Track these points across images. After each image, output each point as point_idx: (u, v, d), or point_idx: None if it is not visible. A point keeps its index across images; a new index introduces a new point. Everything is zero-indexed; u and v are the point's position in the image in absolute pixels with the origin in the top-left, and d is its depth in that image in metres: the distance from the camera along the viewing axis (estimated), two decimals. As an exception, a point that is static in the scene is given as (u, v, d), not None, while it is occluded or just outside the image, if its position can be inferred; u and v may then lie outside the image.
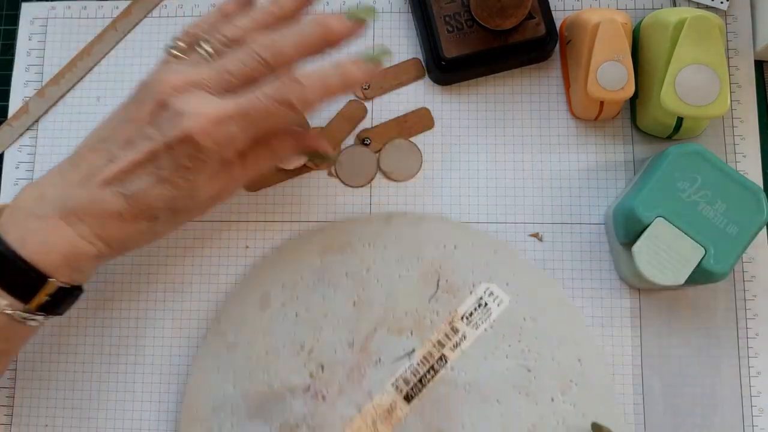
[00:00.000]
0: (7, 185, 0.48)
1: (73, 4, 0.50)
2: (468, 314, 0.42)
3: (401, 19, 0.49)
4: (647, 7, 0.48)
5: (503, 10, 0.43)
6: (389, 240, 0.44)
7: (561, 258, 0.45)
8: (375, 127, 0.47)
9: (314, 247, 0.44)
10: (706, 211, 0.40)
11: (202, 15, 0.49)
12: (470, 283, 0.43)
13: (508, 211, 0.46)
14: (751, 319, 0.44)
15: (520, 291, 0.43)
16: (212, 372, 0.43)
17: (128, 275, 0.46)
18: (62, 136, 0.49)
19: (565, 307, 0.43)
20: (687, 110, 0.41)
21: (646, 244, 0.39)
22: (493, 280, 0.43)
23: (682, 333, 0.44)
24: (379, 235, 0.44)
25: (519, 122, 0.47)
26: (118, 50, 0.50)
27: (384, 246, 0.44)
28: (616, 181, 0.46)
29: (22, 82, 0.50)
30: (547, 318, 0.42)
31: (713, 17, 0.41)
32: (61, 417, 0.45)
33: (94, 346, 0.45)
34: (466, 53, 0.45)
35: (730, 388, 0.43)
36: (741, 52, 0.47)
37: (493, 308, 0.42)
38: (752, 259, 0.44)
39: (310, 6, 0.40)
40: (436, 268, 0.43)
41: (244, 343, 0.43)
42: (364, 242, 0.44)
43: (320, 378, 0.42)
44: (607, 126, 0.47)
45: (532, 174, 0.46)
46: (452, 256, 0.43)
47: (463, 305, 0.43)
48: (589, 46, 0.42)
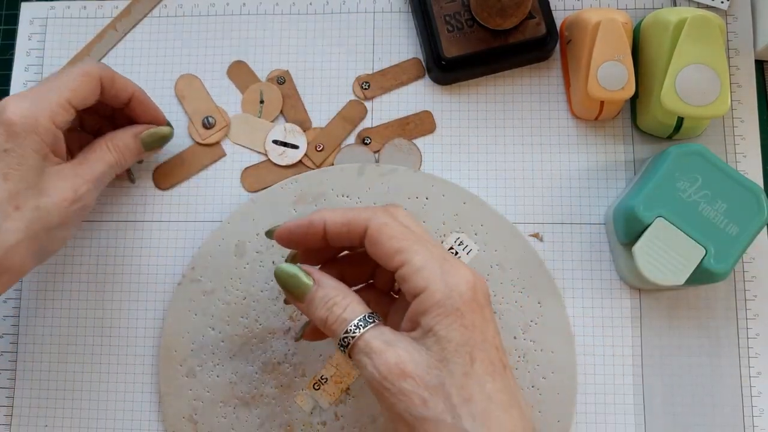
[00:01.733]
0: (7, 185, 0.48)
1: (72, 4, 0.50)
2: None
3: (401, 19, 0.49)
4: (647, 7, 0.48)
5: (503, 9, 0.43)
6: (362, 191, 0.45)
7: (561, 258, 0.45)
8: (376, 127, 0.47)
9: (289, 198, 0.45)
10: (706, 211, 0.40)
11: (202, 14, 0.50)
12: (441, 233, 0.44)
13: (508, 211, 0.46)
14: (752, 320, 0.44)
15: (487, 240, 0.44)
16: (190, 315, 0.44)
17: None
18: (62, 136, 0.49)
19: (528, 254, 0.44)
20: (687, 110, 0.41)
21: (646, 244, 0.39)
22: (462, 230, 0.44)
23: (682, 333, 0.44)
24: (353, 186, 0.45)
25: (519, 122, 0.47)
26: (117, 50, 0.50)
27: (358, 197, 0.45)
28: (616, 181, 0.46)
29: (22, 82, 0.50)
30: (512, 265, 0.44)
31: (714, 17, 0.41)
32: (60, 417, 0.45)
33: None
34: (466, 53, 0.45)
35: (730, 388, 0.43)
36: (741, 51, 0.47)
37: (462, 256, 0.44)
38: (753, 259, 0.44)
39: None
40: None
41: (221, 290, 0.44)
42: (338, 193, 0.45)
43: (300, 321, 0.43)
44: (607, 126, 0.46)
45: (532, 174, 0.46)
46: (423, 207, 0.45)
47: None
48: (590, 45, 0.42)
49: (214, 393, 0.43)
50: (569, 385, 0.42)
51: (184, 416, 0.43)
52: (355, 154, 0.47)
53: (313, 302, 0.33)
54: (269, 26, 0.49)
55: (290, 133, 0.47)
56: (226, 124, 0.48)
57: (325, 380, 0.43)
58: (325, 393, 0.43)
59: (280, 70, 0.49)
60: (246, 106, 0.48)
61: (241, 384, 0.43)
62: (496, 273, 0.44)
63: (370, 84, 0.48)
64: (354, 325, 0.31)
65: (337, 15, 0.49)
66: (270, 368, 0.43)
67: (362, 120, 0.47)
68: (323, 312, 0.32)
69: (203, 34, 0.49)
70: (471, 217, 0.45)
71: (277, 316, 0.44)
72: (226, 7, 0.50)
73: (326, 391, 0.43)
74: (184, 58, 0.49)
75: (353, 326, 0.31)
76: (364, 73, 0.48)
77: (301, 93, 0.48)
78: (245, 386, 0.43)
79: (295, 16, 0.49)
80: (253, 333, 0.44)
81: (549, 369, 0.42)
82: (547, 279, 0.44)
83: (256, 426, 0.43)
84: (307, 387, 0.43)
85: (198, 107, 0.48)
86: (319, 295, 0.33)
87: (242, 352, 0.43)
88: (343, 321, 0.32)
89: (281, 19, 0.49)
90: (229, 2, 0.50)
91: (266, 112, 0.48)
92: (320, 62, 0.48)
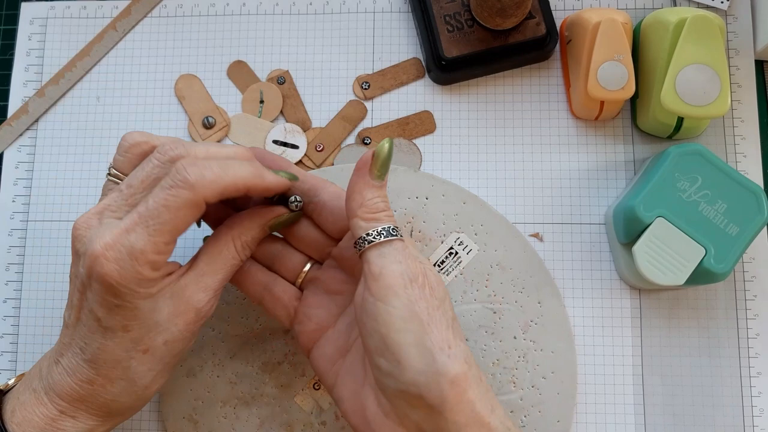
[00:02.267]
0: (7, 185, 0.48)
1: (72, 4, 0.50)
2: (440, 262, 0.44)
3: (401, 19, 0.49)
4: (647, 7, 0.48)
5: (503, 9, 0.43)
6: None
7: (561, 258, 0.45)
8: (376, 127, 0.47)
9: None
10: (706, 211, 0.40)
11: (202, 14, 0.50)
12: (441, 233, 0.44)
13: (508, 211, 0.46)
14: (752, 320, 0.44)
15: (487, 240, 0.44)
16: None
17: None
18: (62, 136, 0.49)
19: (528, 254, 0.44)
20: (687, 110, 0.41)
21: (646, 244, 0.39)
22: (462, 230, 0.44)
23: (682, 333, 0.44)
24: None
25: (519, 122, 0.47)
26: (117, 50, 0.50)
27: None
28: (616, 181, 0.46)
29: (22, 81, 0.50)
30: (512, 265, 0.44)
31: (714, 17, 0.41)
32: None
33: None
34: (466, 53, 0.45)
35: (730, 388, 0.43)
36: (741, 51, 0.47)
37: (462, 256, 0.44)
38: (753, 259, 0.44)
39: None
40: (408, 218, 0.44)
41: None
42: None
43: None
44: (607, 126, 0.46)
45: (532, 174, 0.46)
46: (424, 207, 0.45)
47: (434, 254, 0.44)
48: (590, 45, 0.42)
49: (214, 393, 0.43)
50: (569, 385, 0.42)
51: (184, 416, 0.43)
52: (355, 154, 0.47)
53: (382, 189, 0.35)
54: (269, 26, 0.49)
55: (290, 133, 0.47)
56: (226, 124, 0.48)
57: None
58: (325, 393, 0.43)
59: (280, 70, 0.49)
60: (246, 106, 0.48)
61: (241, 384, 0.43)
62: (496, 273, 0.44)
63: (370, 84, 0.48)
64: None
65: (337, 15, 0.49)
66: (270, 368, 0.43)
67: (362, 120, 0.47)
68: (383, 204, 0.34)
69: (203, 34, 0.49)
70: (471, 217, 0.44)
71: None
72: (226, 7, 0.50)
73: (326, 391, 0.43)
74: (184, 58, 0.49)
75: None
76: (364, 73, 0.48)
77: (301, 93, 0.48)
78: (245, 386, 0.43)
79: (295, 16, 0.49)
80: (253, 333, 0.44)
81: (549, 369, 0.42)
82: (547, 279, 0.44)
83: (256, 426, 0.43)
84: (307, 387, 0.43)
85: (198, 107, 0.48)
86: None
87: (242, 352, 0.43)
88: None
89: (281, 19, 0.49)
90: (229, 2, 0.50)
91: (266, 112, 0.48)
92: (320, 62, 0.48)
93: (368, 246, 0.33)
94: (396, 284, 0.32)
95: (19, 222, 0.48)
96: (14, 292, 0.47)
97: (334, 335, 0.37)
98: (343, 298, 0.37)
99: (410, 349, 0.31)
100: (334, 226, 0.37)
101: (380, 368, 0.32)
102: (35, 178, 0.48)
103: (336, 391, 0.36)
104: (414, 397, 0.31)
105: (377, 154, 0.34)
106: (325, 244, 0.38)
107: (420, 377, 0.31)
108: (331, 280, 0.38)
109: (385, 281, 0.32)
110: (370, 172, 0.34)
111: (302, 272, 0.38)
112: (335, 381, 0.36)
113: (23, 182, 0.48)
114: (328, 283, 0.38)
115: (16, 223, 0.48)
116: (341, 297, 0.37)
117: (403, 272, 0.32)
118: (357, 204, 0.34)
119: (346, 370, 0.35)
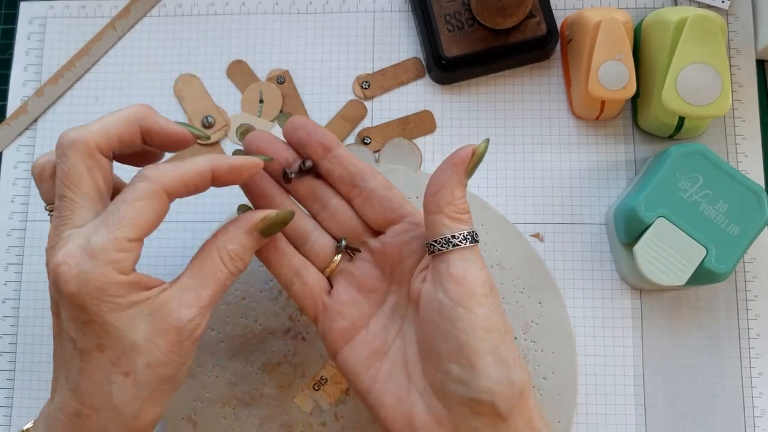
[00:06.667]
0: (6, 185, 0.48)
1: (71, 4, 0.50)
2: None
3: (401, 18, 0.49)
4: (648, 6, 0.47)
5: (504, 9, 0.43)
6: None
7: (562, 258, 0.45)
8: (376, 127, 0.47)
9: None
10: (707, 211, 0.40)
11: (201, 14, 0.50)
12: None
13: (508, 211, 0.46)
14: (753, 320, 0.44)
15: (487, 240, 0.44)
16: None
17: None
18: (61, 135, 0.48)
19: (529, 254, 0.44)
20: (688, 110, 0.41)
21: (647, 244, 0.39)
22: None
23: (683, 333, 0.44)
24: None
25: (519, 122, 0.47)
26: (116, 50, 0.50)
27: None
28: (617, 180, 0.46)
29: (21, 81, 0.50)
30: (512, 265, 0.44)
31: (715, 16, 0.41)
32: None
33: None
34: (466, 52, 0.45)
35: (731, 388, 0.43)
36: (742, 51, 0.47)
37: None
38: (754, 259, 0.44)
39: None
40: None
41: None
42: None
43: (300, 320, 0.43)
44: (608, 125, 0.46)
45: (532, 174, 0.46)
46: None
47: None
48: (590, 45, 0.42)
49: (213, 393, 0.43)
50: (570, 385, 0.42)
51: (184, 416, 0.43)
52: (355, 154, 0.47)
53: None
54: (269, 25, 0.49)
55: (290, 133, 0.47)
56: (226, 124, 0.48)
57: (325, 381, 0.43)
58: (325, 393, 0.43)
59: (280, 69, 0.48)
60: (246, 106, 0.48)
61: (240, 384, 0.43)
62: (497, 273, 0.44)
63: (370, 83, 0.48)
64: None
65: (337, 14, 0.49)
66: (270, 369, 0.43)
67: (362, 120, 0.47)
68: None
69: (202, 33, 0.49)
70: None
71: (277, 316, 0.44)
72: (226, 7, 0.49)
73: (326, 391, 0.43)
74: (183, 57, 0.49)
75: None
76: (364, 73, 0.48)
77: (300, 92, 0.48)
78: (245, 386, 0.43)
79: (294, 15, 0.49)
80: (253, 333, 0.43)
81: (550, 369, 0.42)
82: (547, 279, 0.44)
83: (256, 426, 0.43)
84: (307, 387, 0.43)
85: (197, 107, 0.48)
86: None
87: (242, 353, 0.43)
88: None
89: (281, 19, 0.49)
90: (228, 2, 0.50)
91: (266, 112, 0.48)
92: (320, 62, 0.48)
93: (452, 249, 0.32)
94: (479, 292, 0.31)
95: (18, 222, 0.47)
96: (13, 292, 0.47)
97: (368, 337, 0.35)
98: (376, 296, 0.36)
99: (488, 358, 0.31)
100: (379, 217, 0.35)
101: (450, 374, 0.31)
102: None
103: (372, 396, 0.34)
104: (484, 404, 0.31)
105: (479, 151, 0.32)
106: (360, 232, 0.36)
107: (495, 386, 0.31)
108: (365, 277, 0.36)
109: (469, 287, 0.31)
110: (466, 169, 0.33)
111: (332, 262, 0.36)
112: (371, 386, 0.34)
113: (22, 182, 0.48)
114: (361, 280, 0.36)
115: (15, 223, 0.47)
116: (375, 296, 0.36)
117: (485, 280, 0.32)
118: (446, 201, 0.32)
119: (386, 375, 0.34)
